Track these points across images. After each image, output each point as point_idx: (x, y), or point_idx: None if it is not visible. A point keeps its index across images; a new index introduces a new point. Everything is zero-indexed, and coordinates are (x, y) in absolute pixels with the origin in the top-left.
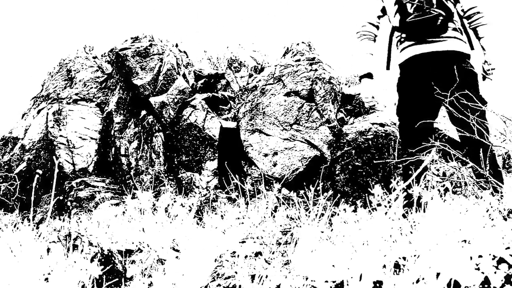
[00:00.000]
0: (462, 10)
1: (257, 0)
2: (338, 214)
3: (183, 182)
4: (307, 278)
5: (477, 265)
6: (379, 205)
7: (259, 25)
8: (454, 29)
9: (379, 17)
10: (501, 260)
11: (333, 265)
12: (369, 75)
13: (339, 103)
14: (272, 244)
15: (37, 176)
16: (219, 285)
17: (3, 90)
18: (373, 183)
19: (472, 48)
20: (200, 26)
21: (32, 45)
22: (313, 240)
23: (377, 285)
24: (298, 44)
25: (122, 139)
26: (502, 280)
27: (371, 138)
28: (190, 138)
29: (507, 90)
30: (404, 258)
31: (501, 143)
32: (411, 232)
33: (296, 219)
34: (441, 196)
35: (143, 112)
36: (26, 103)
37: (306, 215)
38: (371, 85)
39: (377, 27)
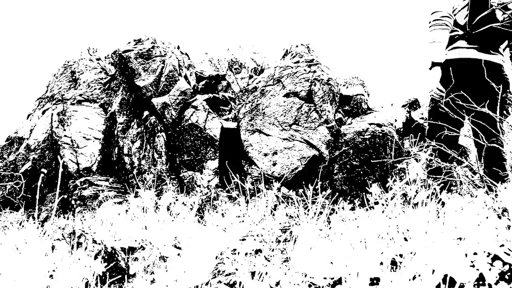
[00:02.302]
0: None
1: (257, 3)
2: (336, 212)
3: (185, 181)
4: (306, 275)
5: (472, 262)
6: (376, 203)
7: (259, 27)
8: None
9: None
10: (495, 257)
11: (331, 262)
12: (440, 64)
13: (337, 104)
14: (272, 242)
15: (42, 175)
16: (220, 281)
17: (8, 91)
18: (370, 182)
19: None
20: (201, 28)
21: (37, 47)
22: (312, 238)
23: (374, 281)
24: (297, 46)
25: (125, 139)
26: (496, 277)
27: (369, 138)
28: (192, 138)
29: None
30: (401, 255)
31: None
32: (408, 230)
33: (295, 217)
34: (437, 194)
35: (146, 113)
36: (31, 104)
37: (305, 213)
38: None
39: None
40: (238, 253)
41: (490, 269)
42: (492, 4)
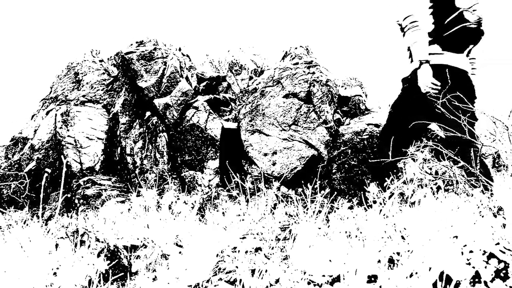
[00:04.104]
0: None
1: (257, 6)
2: (334, 211)
3: (186, 180)
4: (305, 273)
5: (468, 260)
6: (374, 202)
7: (259, 29)
8: None
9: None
10: (491, 255)
11: (330, 260)
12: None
13: (336, 105)
14: (272, 240)
15: (46, 174)
16: (220, 279)
17: (13, 92)
18: (368, 181)
19: None
20: (202, 30)
21: (41, 49)
22: (311, 236)
23: (372, 279)
24: (296, 48)
25: (128, 139)
26: (492, 274)
27: (366, 138)
28: (193, 138)
29: (497, 91)
30: (398, 253)
31: (491, 143)
32: (405, 228)
33: (295, 216)
34: (433, 194)
35: (148, 113)
36: (35, 105)
37: (304, 212)
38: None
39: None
40: (239, 251)
41: (485, 267)
42: (459, 7)
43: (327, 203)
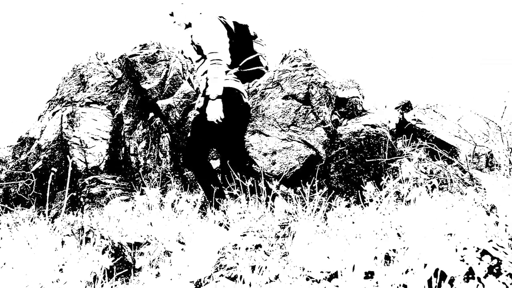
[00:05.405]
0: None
1: (257, 9)
2: (332, 209)
3: (188, 179)
4: (303, 269)
5: (462, 256)
6: (371, 200)
7: (259, 32)
8: None
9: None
10: (484, 252)
11: (328, 257)
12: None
13: (334, 106)
14: (271, 237)
15: (52, 174)
16: (221, 275)
17: (21, 94)
18: (365, 180)
19: None
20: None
21: (48, 52)
22: (309, 234)
23: (369, 275)
24: (295, 50)
25: (132, 140)
26: (485, 271)
27: (363, 138)
28: None
29: (490, 93)
30: (394, 250)
31: (484, 143)
32: (401, 226)
33: (294, 214)
34: (428, 192)
35: (151, 114)
36: (42, 106)
37: (302, 210)
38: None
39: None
40: (239, 248)
41: (479, 263)
42: (256, 51)
43: (325, 202)
